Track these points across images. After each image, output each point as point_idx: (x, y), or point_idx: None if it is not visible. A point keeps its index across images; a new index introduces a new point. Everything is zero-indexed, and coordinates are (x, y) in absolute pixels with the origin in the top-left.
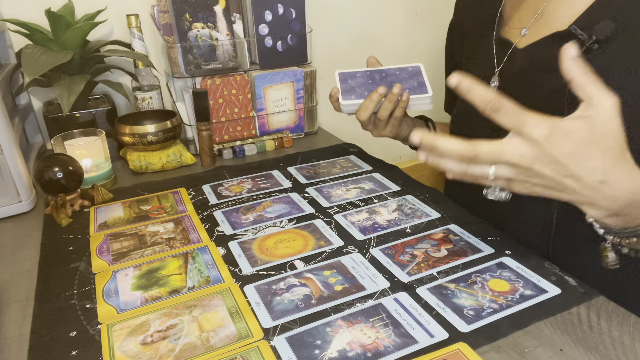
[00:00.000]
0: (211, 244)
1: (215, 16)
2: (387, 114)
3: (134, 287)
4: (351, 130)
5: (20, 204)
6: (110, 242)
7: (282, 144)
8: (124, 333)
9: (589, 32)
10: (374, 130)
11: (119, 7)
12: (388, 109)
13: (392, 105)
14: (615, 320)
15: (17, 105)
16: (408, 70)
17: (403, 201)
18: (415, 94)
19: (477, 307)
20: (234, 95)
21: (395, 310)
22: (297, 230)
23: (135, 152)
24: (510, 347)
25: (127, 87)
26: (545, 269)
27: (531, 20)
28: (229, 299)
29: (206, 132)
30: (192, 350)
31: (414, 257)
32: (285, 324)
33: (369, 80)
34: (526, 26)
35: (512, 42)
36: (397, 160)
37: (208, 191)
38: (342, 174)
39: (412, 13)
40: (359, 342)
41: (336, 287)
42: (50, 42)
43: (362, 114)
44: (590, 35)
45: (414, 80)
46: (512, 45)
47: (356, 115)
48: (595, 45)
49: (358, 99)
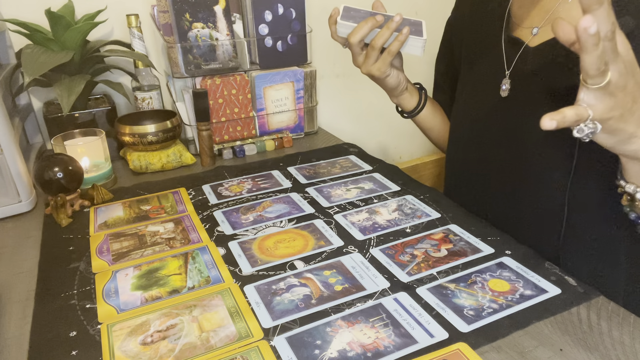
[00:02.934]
0: (211, 244)
1: (215, 16)
2: (381, 42)
3: (134, 287)
4: (351, 130)
5: (20, 204)
6: (110, 242)
7: (282, 144)
8: (124, 333)
9: None
10: (364, 64)
11: (119, 7)
12: (384, 37)
13: (388, 33)
14: (615, 320)
15: (17, 105)
16: (410, 20)
17: (403, 201)
18: (412, 34)
19: (477, 307)
20: (234, 95)
21: (395, 310)
22: (297, 230)
23: (135, 152)
24: (510, 347)
25: (127, 87)
26: (545, 269)
27: (543, 20)
28: (229, 299)
29: (206, 132)
30: (192, 350)
31: (414, 257)
32: (285, 324)
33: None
34: (538, 25)
35: (524, 41)
36: (397, 160)
37: (208, 191)
38: (342, 174)
39: (411, 13)
40: (359, 342)
41: (336, 287)
42: (50, 42)
43: (354, 36)
44: None
45: (413, 27)
46: (524, 44)
47: (348, 37)
48: None
49: (355, 23)
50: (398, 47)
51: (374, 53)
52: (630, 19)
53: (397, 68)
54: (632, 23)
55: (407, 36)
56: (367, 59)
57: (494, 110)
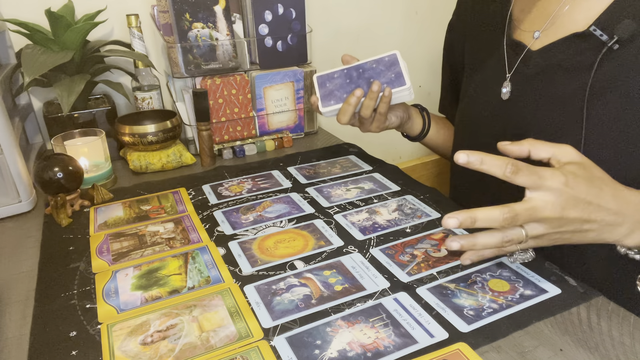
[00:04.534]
0: (211, 244)
1: (215, 16)
2: (369, 112)
3: (134, 287)
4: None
5: (20, 204)
6: (110, 242)
7: (282, 144)
8: (124, 333)
9: (610, 32)
10: (361, 127)
11: (119, 7)
12: (370, 107)
13: (373, 102)
14: (615, 320)
15: (17, 105)
16: (384, 61)
17: (403, 201)
18: (394, 87)
19: (477, 307)
20: (234, 95)
21: (395, 310)
22: (297, 230)
23: (135, 152)
24: (510, 347)
25: (127, 87)
26: (545, 269)
27: (545, 23)
28: (229, 299)
29: (206, 132)
30: (192, 350)
31: (414, 257)
32: (285, 324)
33: (347, 80)
34: (539, 29)
35: (526, 45)
36: (397, 160)
37: (208, 191)
38: (342, 174)
39: (412, 13)
40: (359, 342)
41: (336, 287)
42: (50, 42)
43: (342, 118)
44: (611, 35)
45: (391, 72)
46: (526, 47)
47: (337, 121)
48: (617, 45)
49: (337, 103)
50: (386, 108)
51: (367, 120)
52: (632, 22)
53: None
54: (634, 26)
55: (391, 96)
56: (362, 125)
57: (494, 113)
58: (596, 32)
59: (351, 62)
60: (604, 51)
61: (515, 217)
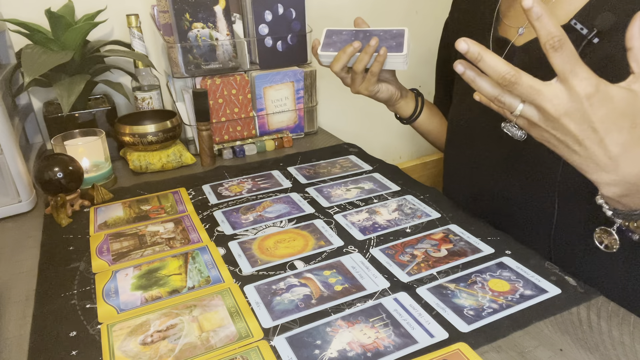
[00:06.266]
0: (211, 244)
1: (215, 16)
2: (362, 66)
3: (134, 287)
4: (351, 130)
5: (20, 204)
6: (110, 242)
7: (282, 144)
8: (124, 333)
9: (590, 26)
10: (352, 85)
11: (119, 7)
12: (363, 62)
13: (367, 57)
14: (615, 320)
15: (17, 105)
16: (392, 32)
17: (403, 201)
18: (391, 52)
19: (477, 307)
20: (234, 95)
21: (395, 310)
22: (297, 230)
23: (135, 152)
24: (510, 347)
25: (127, 87)
26: (545, 269)
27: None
28: (229, 299)
29: (206, 132)
30: (192, 350)
31: (414, 257)
32: (285, 324)
33: (352, 38)
34: (523, 25)
35: (510, 40)
36: (397, 160)
37: (208, 191)
38: (342, 174)
39: (412, 12)
40: (359, 342)
41: (336, 287)
42: (50, 42)
43: (335, 65)
44: (591, 28)
45: (394, 41)
46: (510, 43)
47: (330, 67)
48: (596, 38)
49: (335, 51)
50: (379, 68)
51: (358, 76)
52: (611, 15)
53: (387, 81)
54: (612, 18)
55: (386, 56)
56: (353, 82)
57: (484, 109)
58: (577, 26)
59: (362, 25)
60: (584, 44)
61: (515, 83)
